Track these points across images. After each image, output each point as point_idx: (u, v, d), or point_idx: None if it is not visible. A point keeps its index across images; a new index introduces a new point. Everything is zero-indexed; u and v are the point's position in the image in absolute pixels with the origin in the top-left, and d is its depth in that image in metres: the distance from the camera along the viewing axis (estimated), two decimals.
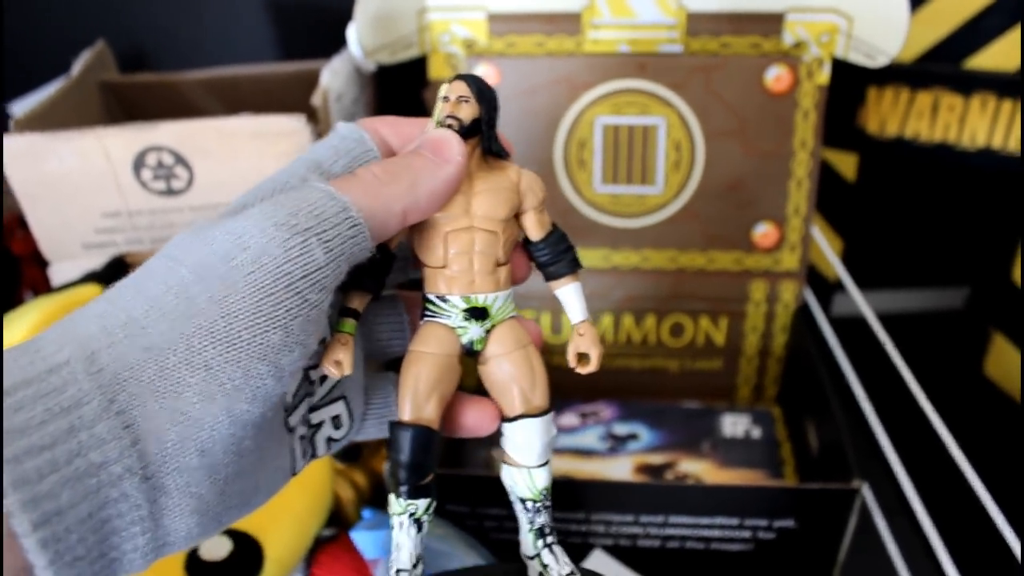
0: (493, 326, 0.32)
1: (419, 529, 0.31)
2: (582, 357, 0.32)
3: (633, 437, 0.65)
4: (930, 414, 0.52)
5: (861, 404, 0.58)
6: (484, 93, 0.31)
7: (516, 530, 0.54)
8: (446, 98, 0.31)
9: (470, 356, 0.32)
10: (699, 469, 0.62)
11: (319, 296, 0.26)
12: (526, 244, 0.33)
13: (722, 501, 0.53)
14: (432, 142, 0.30)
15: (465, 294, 0.31)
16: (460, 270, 0.31)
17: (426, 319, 0.32)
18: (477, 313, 0.31)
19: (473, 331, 0.31)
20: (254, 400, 0.25)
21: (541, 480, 0.32)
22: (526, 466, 0.32)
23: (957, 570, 0.48)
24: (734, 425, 0.66)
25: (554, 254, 0.32)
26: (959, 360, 0.85)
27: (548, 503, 0.33)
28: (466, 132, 0.30)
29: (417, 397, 0.30)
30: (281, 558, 0.49)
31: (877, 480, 0.60)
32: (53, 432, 0.22)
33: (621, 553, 0.55)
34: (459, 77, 0.31)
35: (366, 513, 0.52)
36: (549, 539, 0.33)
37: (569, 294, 0.33)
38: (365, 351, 0.34)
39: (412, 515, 0.31)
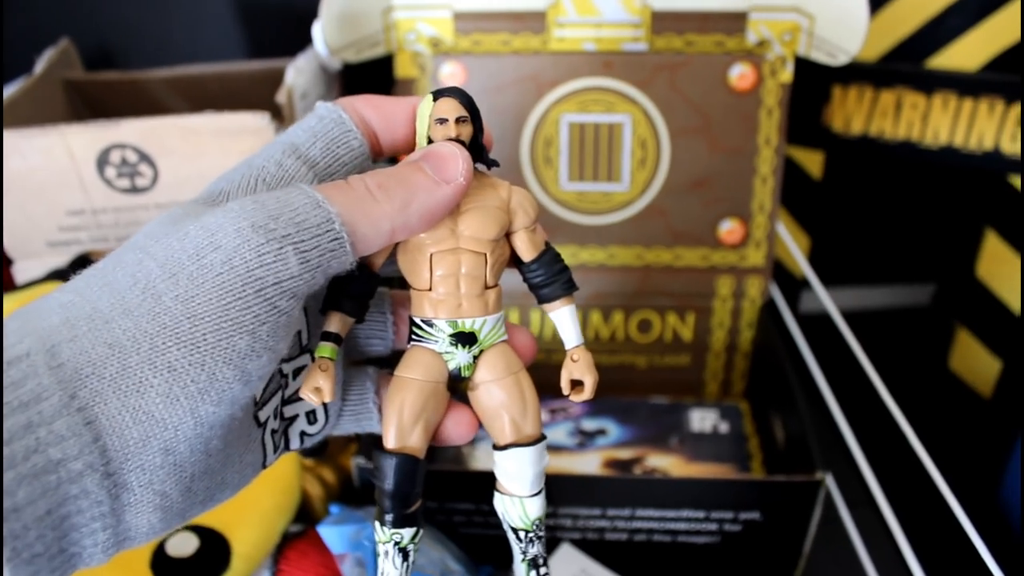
0: (482, 351, 0.30)
1: (405, 558, 0.30)
2: (575, 384, 0.31)
3: (601, 432, 0.66)
4: (892, 408, 0.53)
5: (827, 399, 0.59)
6: (475, 109, 0.30)
7: (485, 524, 0.55)
8: (443, 120, 0.29)
9: (458, 382, 0.31)
10: (667, 464, 0.63)
11: (290, 304, 0.25)
12: (518, 264, 0.31)
13: (688, 494, 0.53)
14: (437, 157, 0.28)
15: (452, 318, 0.30)
16: (446, 293, 0.29)
17: (412, 343, 0.31)
18: (464, 338, 0.30)
19: (460, 357, 0.30)
20: (220, 403, 0.24)
21: (534, 510, 0.31)
22: (518, 495, 0.31)
23: (918, 561, 0.49)
24: (702, 420, 0.67)
25: (547, 275, 0.31)
26: (925, 355, 0.86)
27: (541, 533, 0.32)
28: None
29: (402, 425, 0.29)
30: (248, 554, 0.49)
31: (843, 474, 0.60)
32: (10, 427, 0.21)
33: (589, 546, 0.55)
34: (448, 95, 0.29)
35: (333, 509, 0.52)
36: (543, 570, 0.32)
37: (563, 317, 0.31)
38: (345, 348, 0.33)
39: (397, 544, 0.30)
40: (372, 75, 0.66)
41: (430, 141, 0.29)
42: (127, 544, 0.24)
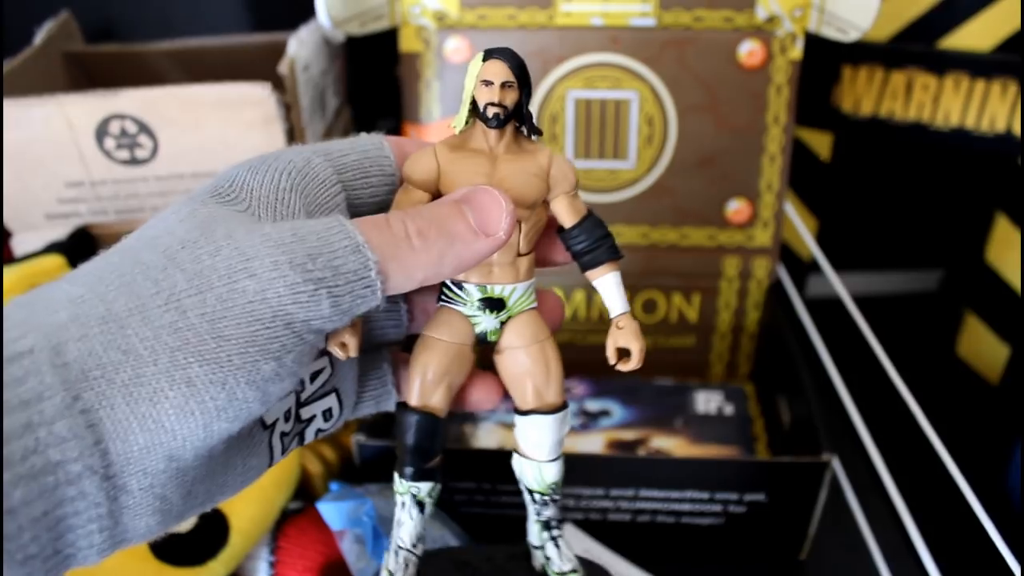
0: (510, 317, 0.31)
1: (421, 510, 0.31)
2: (622, 353, 0.31)
3: (605, 414, 0.65)
4: (902, 391, 0.52)
5: (834, 382, 0.58)
6: (524, 74, 0.29)
7: (486, 503, 0.54)
8: (488, 82, 0.28)
9: (484, 345, 0.31)
10: (671, 445, 0.62)
11: (316, 337, 0.25)
12: (559, 232, 0.31)
13: (692, 475, 0.52)
14: (481, 206, 0.27)
15: (482, 283, 0.30)
16: None
17: (442, 303, 0.31)
18: (493, 304, 0.30)
19: (487, 322, 0.30)
20: (235, 420, 0.24)
21: (551, 475, 0.32)
22: (536, 460, 0.31)
23: (926, 545, 0.49)
24: (707, 402, 0.66)
25: (590, 241, 0.30)
26: (932, 341, 0.85)
27: (557, 497, 0.32)
28: (507, 118, 0.29)
29: (425, 384, 0.30)
30: (247, 531, 0.48)
31: (850, 458, 0.60)
32: (9, 426, 0.20)
33: (591, 527, 0.55)
34: (498, 56, 0.29)
35: (333, 486, 0.51)
36: (555, 532, 0.33)
37: (608, 284, 0.31)
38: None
39: (414, 496, 0.31)
40: (376, 49, 0.65)
41: (474, 100, 0.29)
42: (123, 544, 0.24)
